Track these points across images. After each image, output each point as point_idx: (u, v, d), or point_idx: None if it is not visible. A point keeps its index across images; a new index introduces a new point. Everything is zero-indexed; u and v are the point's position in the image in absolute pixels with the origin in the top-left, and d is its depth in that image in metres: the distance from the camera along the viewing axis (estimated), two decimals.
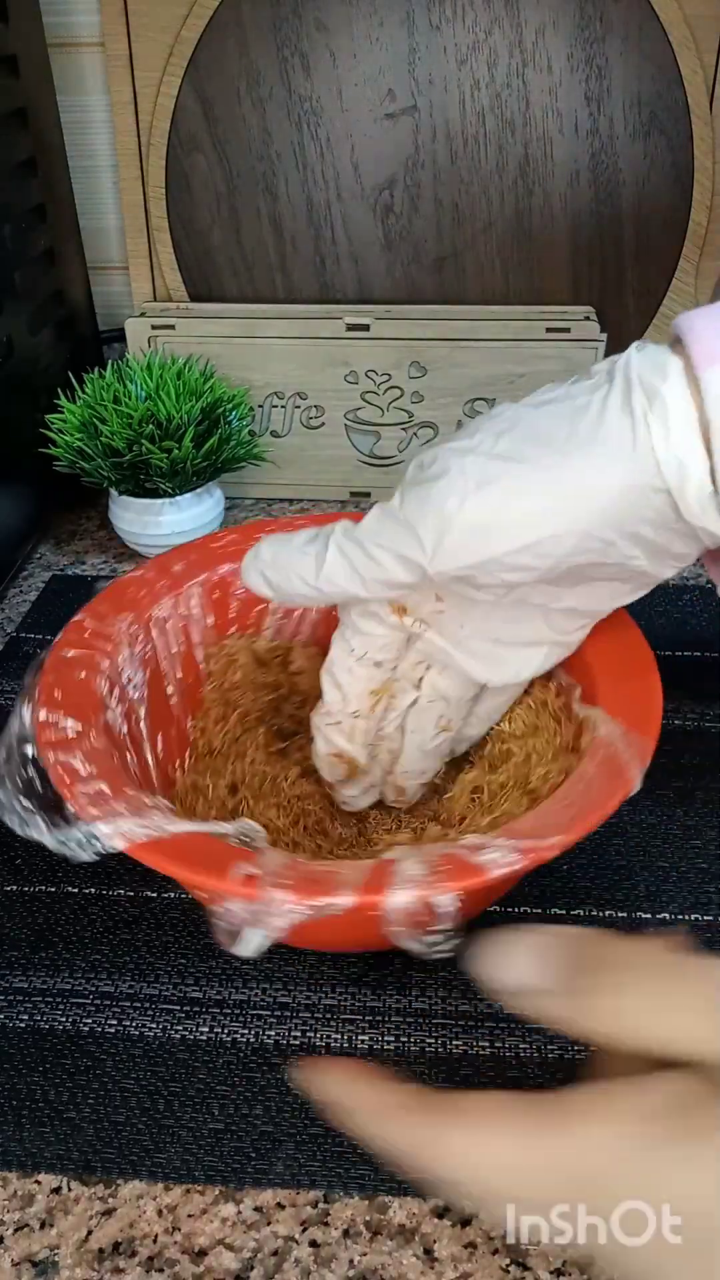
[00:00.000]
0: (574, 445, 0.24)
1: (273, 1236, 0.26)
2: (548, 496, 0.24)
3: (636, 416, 0.24)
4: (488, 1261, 0.25)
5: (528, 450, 0.25)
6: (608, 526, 0.25)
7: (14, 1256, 0.25)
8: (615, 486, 0.24)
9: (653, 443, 0.23)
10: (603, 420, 0.24)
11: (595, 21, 0.52)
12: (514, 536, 0.25)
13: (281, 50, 0.54)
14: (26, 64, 0.49)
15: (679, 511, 0.24)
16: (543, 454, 0.25)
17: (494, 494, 0.25)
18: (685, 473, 0.23)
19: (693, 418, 0.23)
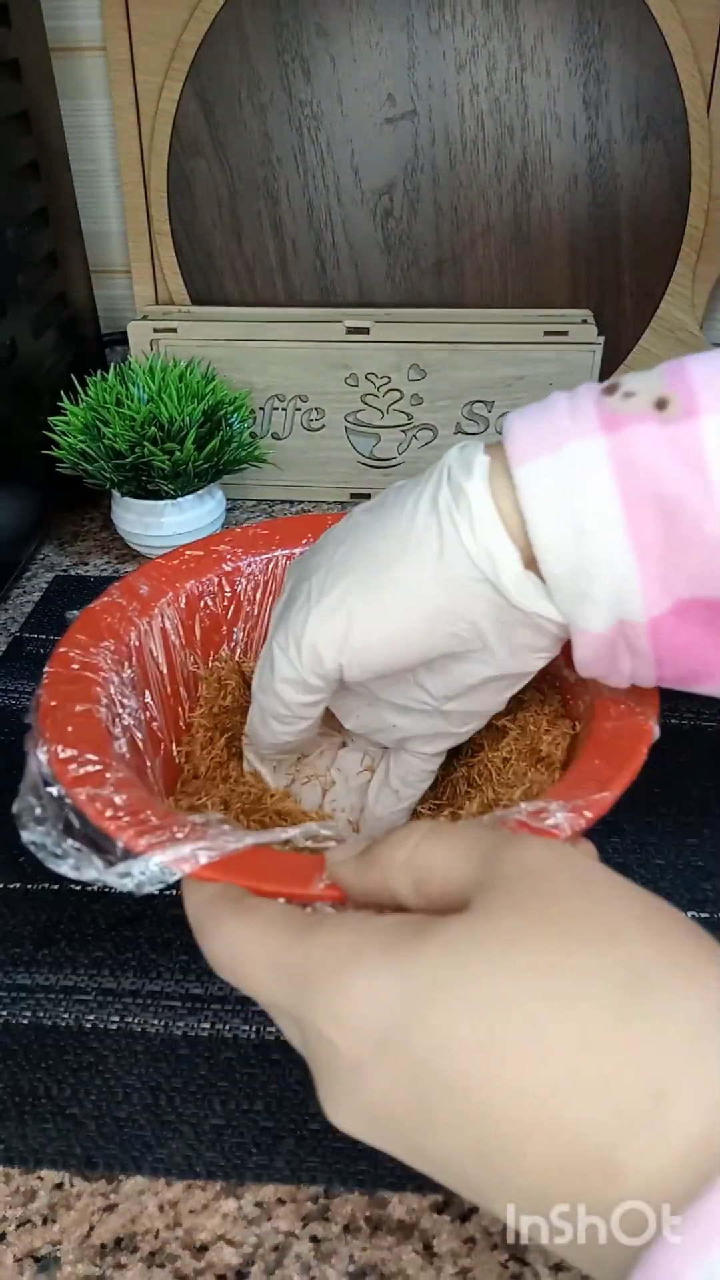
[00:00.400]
0: (393, 548, 0.26)
1: (274, 1232, 0.26)
2: (375, 599, 0.26)
3: (441, 515, 0.25)
4: (487, 1257, 0.25)
5: (354, 557, 0.27)
6: (444, 620, 0.26)
7: (16, 1252, 0.25)
8: (432, 582, 0.25)
9: (461, 539, 0.25)
10: (414, 522, 0.26)
11: (593, 26, 0.53)
12: (356, 638, 0.26)
13: (282, 55, 0.55)
14: (29, 68, 0.50)
15: (505, 598, 0.25)
16: (366, 559, 0.26)
17: (329, 603, 0.26)
18: (496, 563, 0.24)
19: (493, 511, 0.24)
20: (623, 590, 0.23)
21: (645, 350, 0.61)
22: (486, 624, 0.26)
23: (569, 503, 0.23)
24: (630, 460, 0.23)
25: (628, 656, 0.25)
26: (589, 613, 0.24)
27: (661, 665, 0.25)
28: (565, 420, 0.24)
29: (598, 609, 0.24)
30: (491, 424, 0.58)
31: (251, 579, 0.37)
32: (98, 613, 0.33)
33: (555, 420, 0.24)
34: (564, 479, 0.23)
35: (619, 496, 0.23)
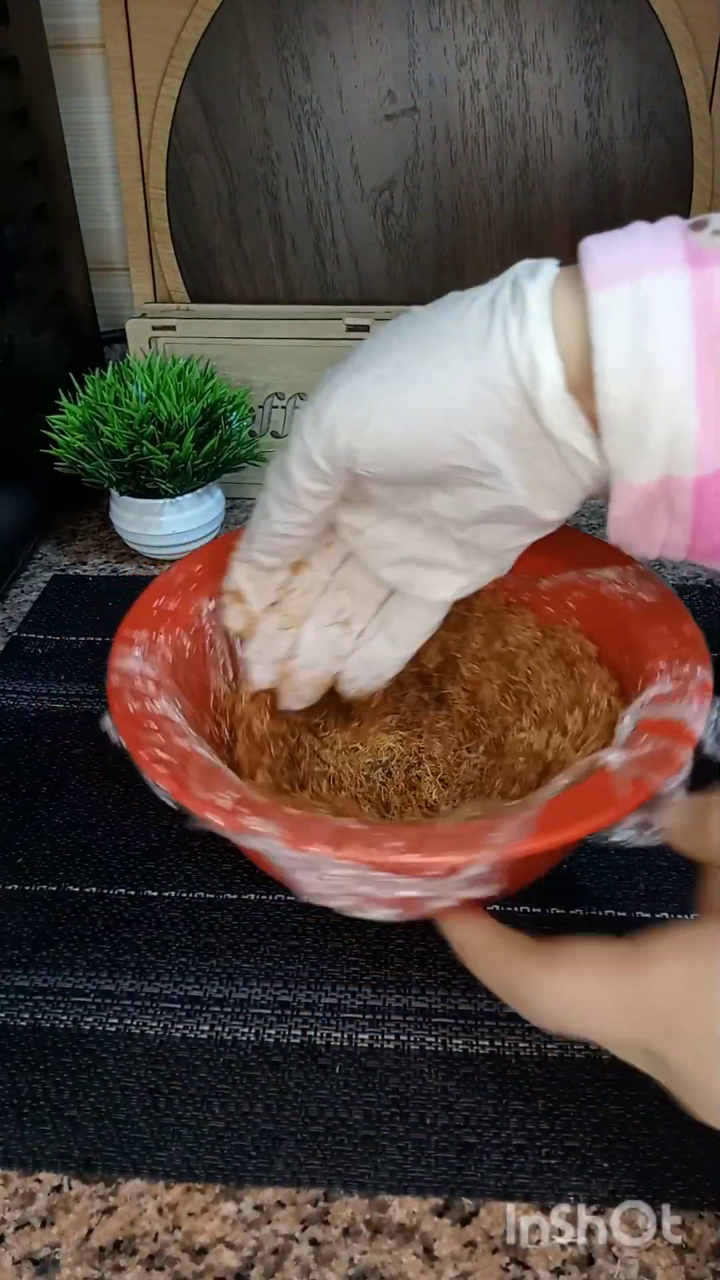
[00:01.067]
0: (434, 340, 0.25)
1: (273, 1235, 0.26)
2: (402, 387, 0.25)
3: (495, 313, 0.24)
4: (487, 1260, 0.25)
5: (394, 347, 0.26)
6: (464, 423, 0.24)
7: (15, 1255, 0.25)
8: (463, 380, 0.24)
9: (507, 341, 0.23)
10: (465, 316, 0.25)
11: (595, 22, 0.53)
12: (373, 424, 0.25)
13: (282, 52, 0.54)
14: (27, 65, 0.49)
15: (539, 419, 0.24)
16: (405, 349, 0.25)
17: (356, 384, 0.25)
18: (537, 374, 0.23)
19: (546, 317, 0.23)
20: (677, 439, 0.22)
21: None
22: (509, 448, 0.24)
23: (641, 336, 0.22)
24: (711, 301, 0.21)
25: (665, 519, 0.24)
26: (638, 460, 0.23)
27: (698, 533, 0.24)
28: (649, 248, 0.22)
29: (647, 457, 0.23)
30: None
31: None
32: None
33: (638, 247, 0.23)
34: (640, 310, 0.22)
35: (693, 336, 0.21)
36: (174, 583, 0.34)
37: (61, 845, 0.36)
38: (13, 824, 0.37)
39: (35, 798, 0.39)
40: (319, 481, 0.27)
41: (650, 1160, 0.27)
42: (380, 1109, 0.28)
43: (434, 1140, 0.27)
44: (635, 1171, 0.26)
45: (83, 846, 0.36)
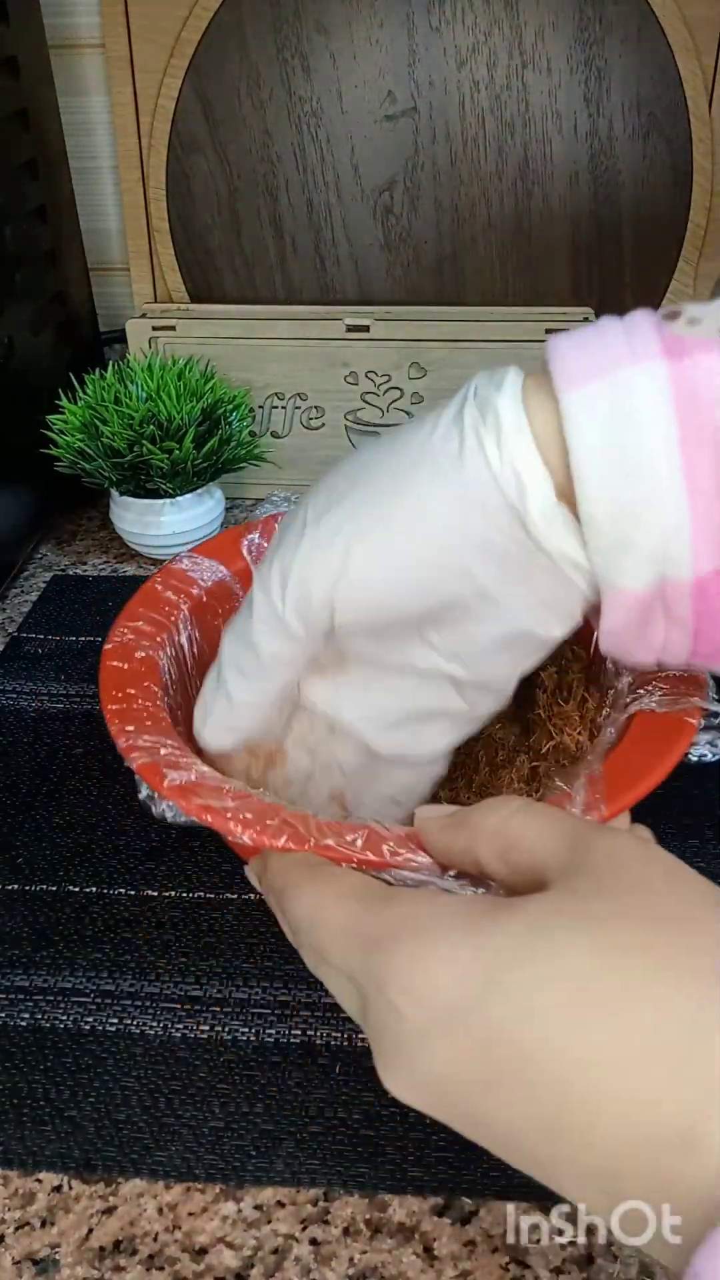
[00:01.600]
0: (405, 466, 0.23)
1: (273, 1235, 0.26)
2: (380, 521, 0.23)
3: (465, 429, 0.22)
4: (487, 1260, 0.25)
5: (361, 480, 0.24)
6: (452, 550, 0.23)
7: (15, 1255, 0.25)
8: (444, 503, 0.22)
9: (485, 454, 0.22)
10: (430, 439, 0.23)
11: (594, 23, 0.53)
12: (355, 568, 0.23)
13: (282, 52, 0.54)
14: (27, 65, 0.49)
15: (529, 532, 0.22)
16: (374, 480, 0.24)
17: (327, 528, 0.23)
18: (523, 487, 0.22)
19: (525, 428, 0.22)
20: (670, 541, 0.21)
21: None
22: (502, 568, 0.23)
23: (621, 435, 0.21)
24: (693, 392, 0.20)
25: (662, 624, 0.23)
26: (628, 566, 0.22)
27: (699, 636, 0.23)
28: (621, 344, 0.21)
29: (639, 561, 0.21)
30: None
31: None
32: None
33: (610, 343, 0.21)
34: (618, 407, 0.21)
35: (677, 431, 0.20)
36: (124, 645, 0.32)
37: (61, 845, 0.36)
38: (13, 824, 0.37)
39: (35, 798, 0.39)
40: (290, 644, 0.25)
41: None
42: (380, 1109, 0.28)
43: (433, 1140, 0.27)
44: None
45: (83, 846, 0.36)
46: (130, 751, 0.26)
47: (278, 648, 0.25)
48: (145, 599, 0.33)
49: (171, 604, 0.33)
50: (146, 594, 0.33)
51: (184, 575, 0.34)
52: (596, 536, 0.22)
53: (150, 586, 0.34)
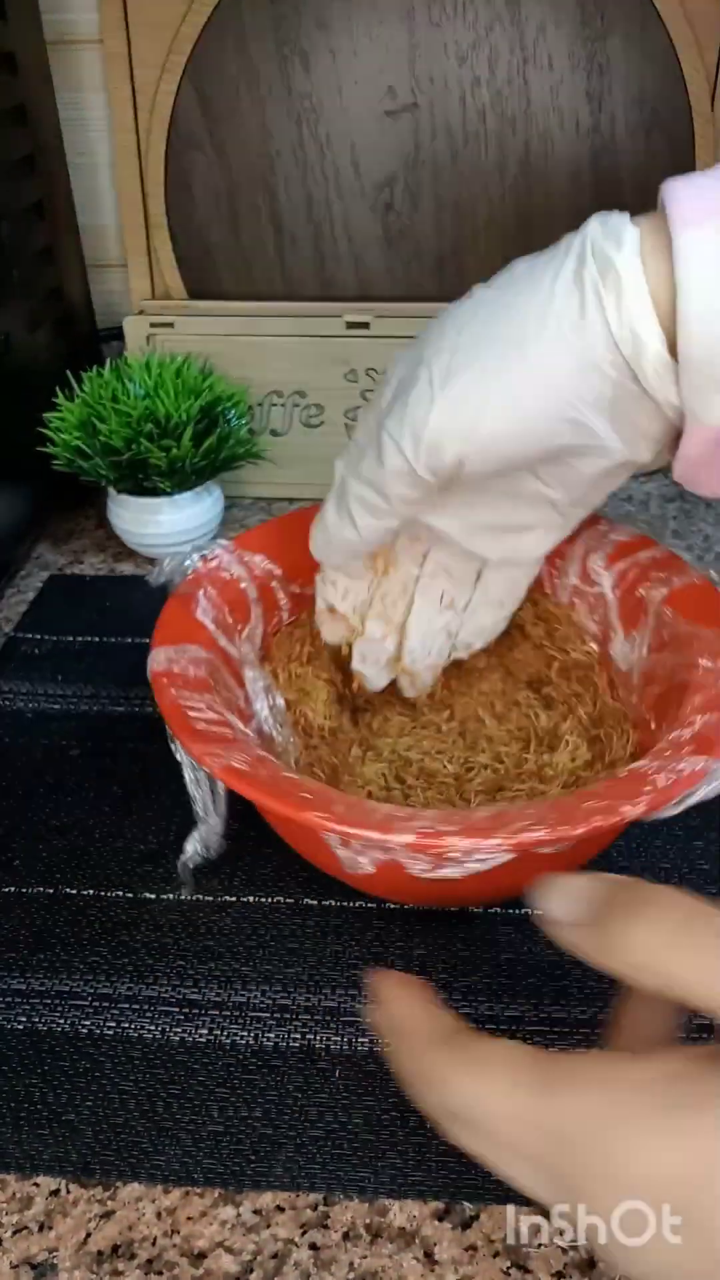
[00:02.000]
0: (527, 328, 0.24)
1: (272, 1239, 0.26)
2: (507, 385, 0.24)
3: (586, 290, 0.24)
4: (488, 1264, 0.25)
5: (484, 341, 0.25)
6: (572, 406, 0.24)
7: (13, 1259, 0.25)
8: (568, 366, 0.24)
9: (605, 316, 0.23)
10: (552, 299, 0.24)
11: (596, 19, 0.52)
12: (484, 428, 0.25)
13: (281, 48, 0.54)
14: (25, 61, 0.49)
15: (640, 383, 0.24)
16: (497, 341, 0.25)
17: (456, 391, 0.25)
18: (640, 346, 0.23)
19: (644, 287, 0.23)
20: None
21: None
22: (613, 416, 0.25)
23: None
24: None
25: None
26: (711, 401, 0.23)
27: None
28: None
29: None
30: None
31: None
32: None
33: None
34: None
35: None
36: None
37: (58, 847, 0.36)
38: (9, 826, 0.37)
39: (32, 799, 0.38)
40: (419, 489, 0.27)
41: None
42: (380, 1113, 0.28)
43: (434, 1144, 0.27)
44: None
45: (80, 849, 0.36)
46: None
47: (407, 492, 0.27)
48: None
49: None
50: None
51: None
52: (691, 374, 0.23)
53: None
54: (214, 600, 0.34)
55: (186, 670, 0.30)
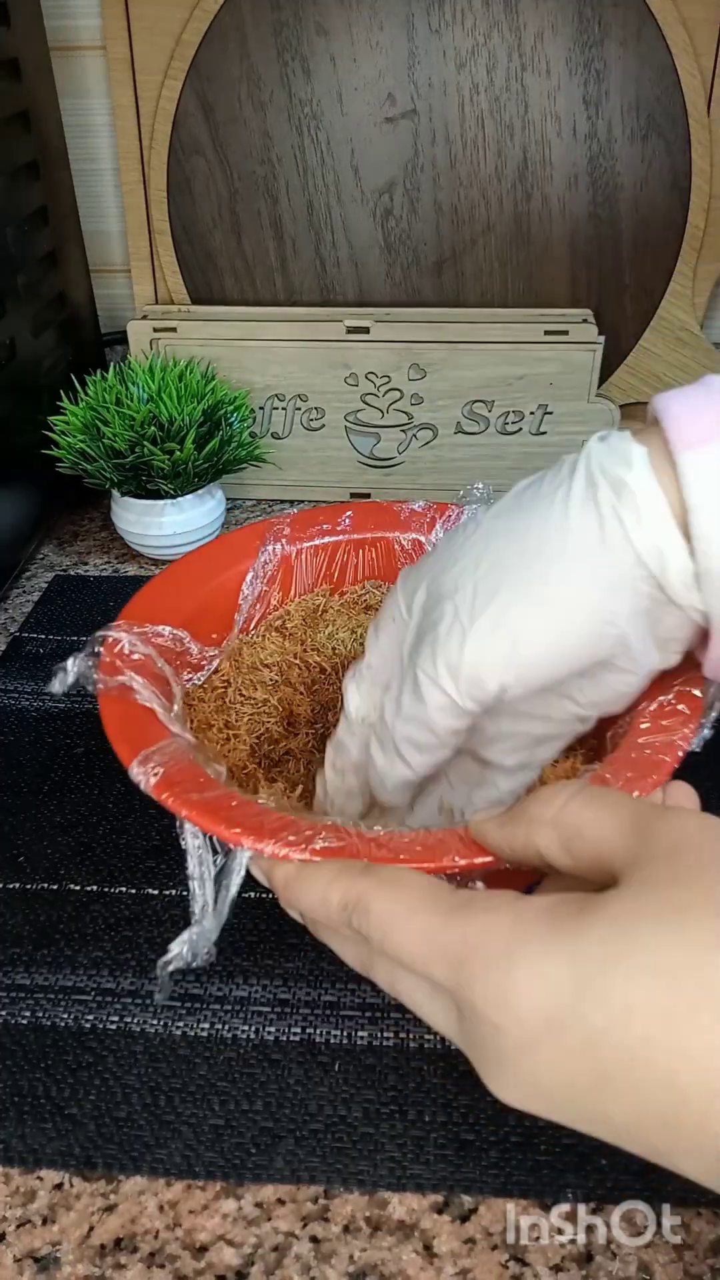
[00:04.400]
0: (549, 551, 0.25)
1: (273, 1232, 0.26)
2: (540, 607, 0.25)
3: (603, 511, 0.24)
4: (487, 1257, 0.25)
5: (505, 568, 0.25)
6: (609, 622, 0.25)
7: (16, 1253, 0.25)
8: (594, 583, 0.24)
9: (628, 535, 0.24)
10: (567, 521, 0.25)
11: (594, 25, 0.53)
12: (522, 654, 0.25)
13: (282, 54, 0.54)
14: (28, 67, 0.50)
15: (668, 595, 0.24)
16: (518, 568, 0.25)
17: (488, 622, 0.25)
18: (665, 561, 0.24)
19: (663, 503, 0.24)
20: None
21: (646, 350, 0.61)
22: (641, 622, 0.25)
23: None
24: None
25: None
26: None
27: None
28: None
29: None
30: (491, 423, 0.58)
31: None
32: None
33: (718, 403, 0.23)
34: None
35: None
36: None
37: (62, 844, 0.37)
38: (14, 823, 0.38)
39: (37, 796, 0.39)
40: (465, 720, 0.27)
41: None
42: (379, 1106, 0.28)
43: (433, 1137, 0.27)
44: (633, 1169, 0.26)
45: (84, 845, 0.36)
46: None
47: (454, 724, 0.27)
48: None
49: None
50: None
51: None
52: (710, 582, 0.24)
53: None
54: (146, 686, 0.31)
55: (179, 770, 0.27)
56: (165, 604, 0.35)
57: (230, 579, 0.38)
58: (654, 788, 0.25)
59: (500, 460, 0.58)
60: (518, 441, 0.58)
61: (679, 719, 0.27)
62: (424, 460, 0.59)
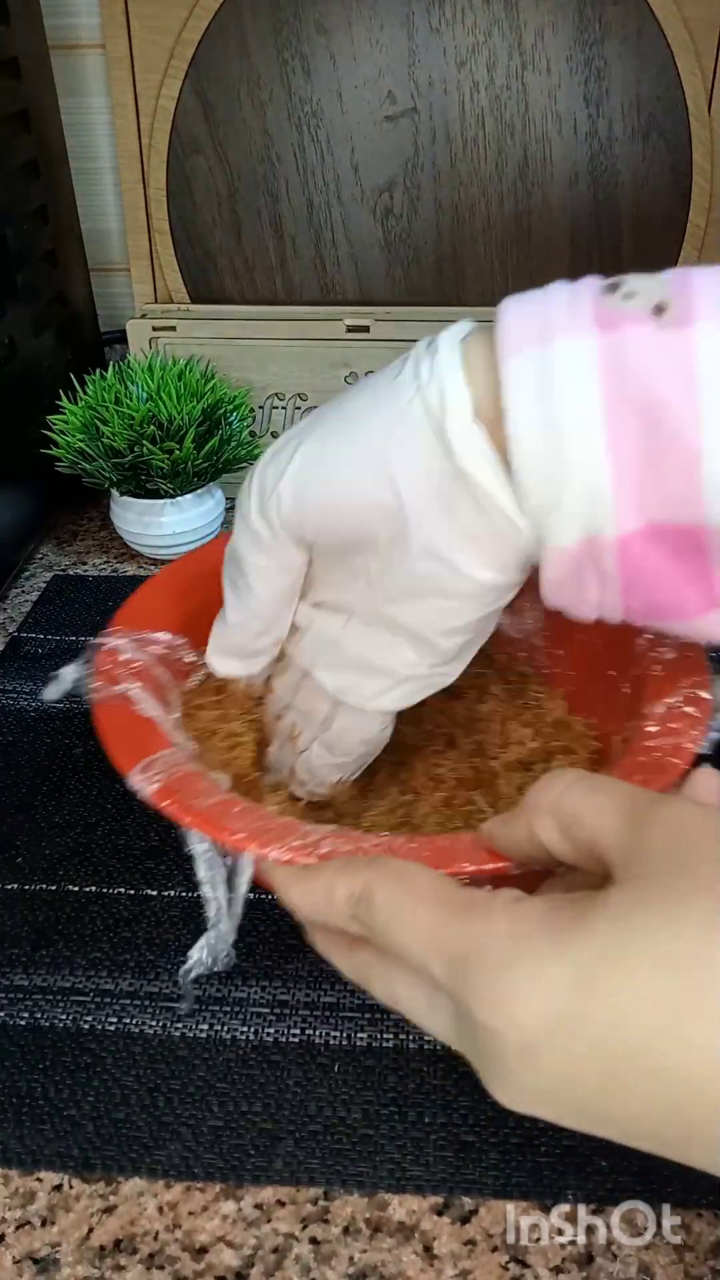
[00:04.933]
0: (352, 391, 0.26)
1: (273, 1234, 0.26)
2: (326, 438, 0.26)
3: (408, 359, 0.25)
4: (487, 1259, 0.25)
5: (320, 415, 0.27)
6: (383, 463, 0.25)
7: (15, 1254, 0.25)
8: (379, 415, 0.25)
9: (417, 375, 0.24)
10: (384, 372, 0.26)
11: (594, 24, 0.53)
12: (305, 476, 0.26)
13: (282, 53, 0.54)
14: (28, 66, 0.50)
15: (449, 452, 0.24)
16: (331, 412, 0.27)
17: (284, 450, 0.27)
18: (446, 402, 0.24)
19: (456, 358, 0.24)
20: (594, 500, 0.23)
21: None
22: (428, 495, 0.24)
23: (549, 401, 0.22)
24: (620, 363, 0.22)
25: (595, 581, 0.24)
26: (558, 524, 0.23)
27: (628, 593, 0.24)
28: (562, 313, 0.23)
29: (567, 520, 0.23)
30: None
31: None
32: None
33: (551, 311, 0.23)
34: (546, 375, 0.22)
35: (603, 399, 0.22)
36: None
37: (61, 844, 0.37)
38: (12, 823, 0.38)
39: (35, 797, 0.39)
40: (264, 553, 0.27)
41: (647, 1158, 0.27)
42: (379, 1107, 0.28)
43: (432, 1139, 0.27)
44: (633, 1170, 0.26)
45: (82, 846, 0.36)
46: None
47: (254, 557, 0.28)
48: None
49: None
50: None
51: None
52: (529, 496, 0.23)
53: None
54: (144, 693, 0.30)
55: (180, 778, 0.27)
56: (163, 606, 0.35)
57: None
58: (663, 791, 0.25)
59: None
60: None
61: (687, 721, 0.27)
62: None
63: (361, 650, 0.28)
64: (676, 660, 0.29)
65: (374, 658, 0.28)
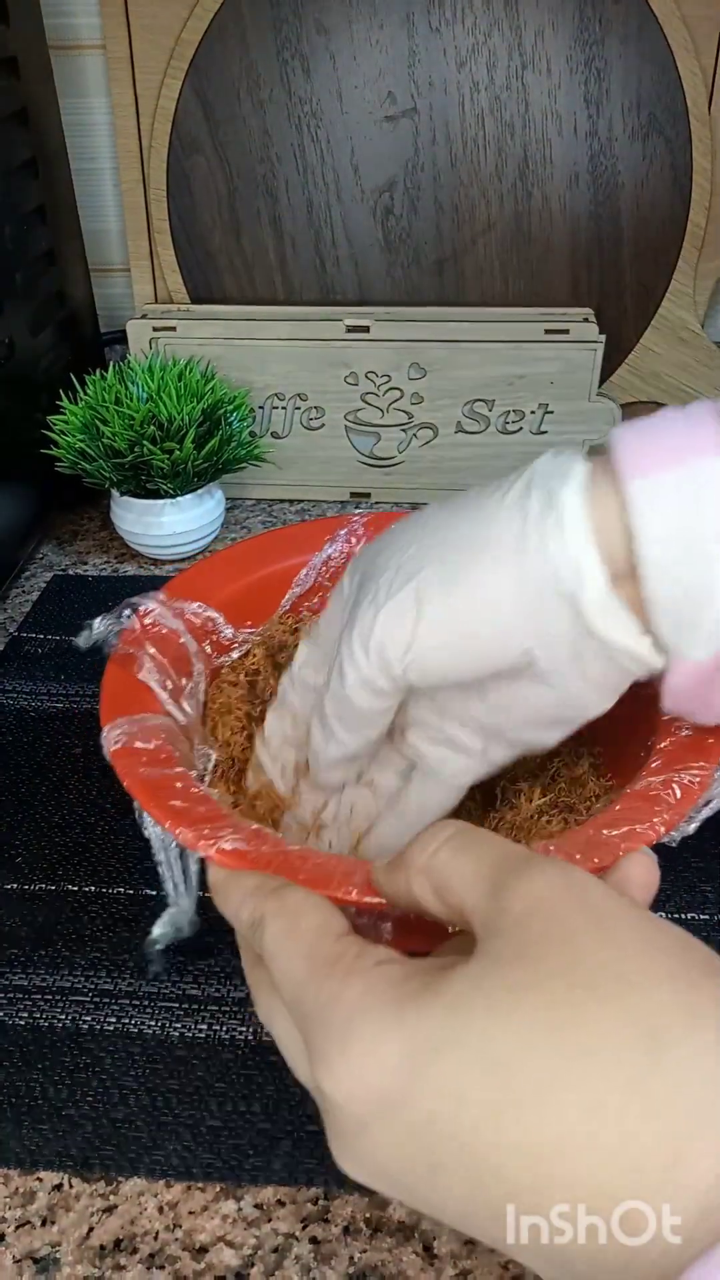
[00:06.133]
0: (471, 548, 0.25)
1: (273, 1233, 0.26)
2: (447, 603, 0.25)
3: (529, 518, 0.24)
4: (487, 1259, 0.25)
5: (429, 558, 0.25)
6: (517, 634, 0.24)
7: (15, 1254, 0.25)
8: (509, 589, 0.24)
9: (545, 544, 0.24)
10: (494, 523, 0.25)
11: (594, 23, 0.53)
12: (424, 643, 0.25)
13: (282, 52, 0.54)
14: (28, 66, 0.50)
15: (584, 619, 0.24)
16: (442, 560, 0.25)
17: (397, 606, 0.25)
18: (581, 576, 0.23)
19: (586, 523, 0.23)
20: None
21: (646, 349, 0.61)
22: (561, 648, 0.24)
23: (694, 522, 0.22)
24: None
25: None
26: (694, 640, 0.23)
27: None
28: (683, 435, 0.23)
29: (705, 637, 0.23)
30: (492, 423, 0.58)
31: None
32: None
33: (675, 435, 0.23)
34: (690, 496, 0.22)
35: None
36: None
37: (60, 844, 0.37)
38: (12, 823, 0.38)
39: (35, 797, 0.39)
40: (379, 698, 0.27)
41: None
42: None
43: None
44: None
45: (82, 845, 0.36)
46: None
47: (370, 703, 0.27)
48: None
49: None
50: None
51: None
52: (662, 614, 0.23)
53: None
54: (156, 660, 0.31)
55: (148, 743, 0.27)
56: (212, 582, 0.36)
57: (289, 569, 0.38)
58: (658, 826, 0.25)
59: (501, 460, 0.58)
60: (518, 441, 0.58)
61: (659, 805, 0.26)
62: (424, 460, 0.59)
63: (456, 736, 0.28)
64: (690, 739, 0.28)
65: (467, 744, 0.28)
